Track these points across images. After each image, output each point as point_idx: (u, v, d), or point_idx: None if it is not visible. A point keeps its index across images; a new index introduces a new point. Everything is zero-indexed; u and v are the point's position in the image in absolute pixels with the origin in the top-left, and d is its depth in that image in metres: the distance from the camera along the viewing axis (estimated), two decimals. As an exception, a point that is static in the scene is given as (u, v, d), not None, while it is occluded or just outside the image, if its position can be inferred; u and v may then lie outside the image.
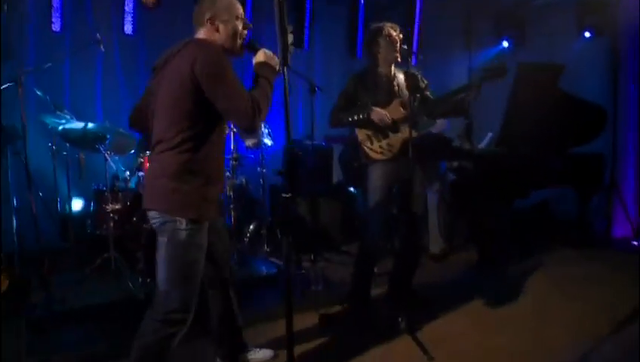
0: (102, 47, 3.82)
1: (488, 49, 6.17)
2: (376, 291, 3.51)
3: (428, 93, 3.33)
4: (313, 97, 3.83)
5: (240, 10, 2.20)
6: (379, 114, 3.19)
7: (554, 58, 5.36)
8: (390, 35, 3.23)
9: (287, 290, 2.13)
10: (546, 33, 5.63)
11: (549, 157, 4.30)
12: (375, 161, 3.27)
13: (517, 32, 5.95)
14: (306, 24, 5.36)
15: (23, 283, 3.60)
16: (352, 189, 5.35)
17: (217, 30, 2.14)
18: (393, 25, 3.30)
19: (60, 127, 3.54)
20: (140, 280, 3.27)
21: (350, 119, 3.28)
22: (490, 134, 4.66)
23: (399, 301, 3.37)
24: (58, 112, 3.85)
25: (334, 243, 4.93)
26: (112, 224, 3.44)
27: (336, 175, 5.49)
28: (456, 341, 2.96)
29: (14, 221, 3.80)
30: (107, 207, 3.43)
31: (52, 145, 3.75)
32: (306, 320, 3.20)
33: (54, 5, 4.28)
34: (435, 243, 4.62)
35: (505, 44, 6.05)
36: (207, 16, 2.13)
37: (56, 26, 4.30)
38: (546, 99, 4.17)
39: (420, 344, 2.82)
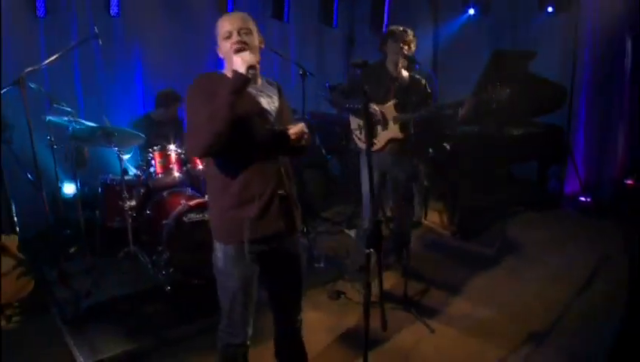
0: (100, 41, 3.81)
1: (455, 19, 6.39)
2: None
3: (428, 101, 3.63)
4: (305, 80, 4.11)
5: (224, 28, 2.09)
6: (374, 110, 3.51)
7: (517, 30, 5.77)
8: (401, 39, 3.47)
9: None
10: (510, 3, 5.95)
11: (516, 137, 4.80)
12: (361, 149, 3.65)
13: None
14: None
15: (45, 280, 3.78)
16: (327, 155, 5.68)
17: (222, 55, 2.14)
18: (407, 29, 3.54)
19: (70, 128, 3.59)
20: (164, 272, 3.50)
21: (347, 106, 3.63)
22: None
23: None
24: (55, 105, 3.88)
25: (315, 210, 5.30)
26: (129, 219, 3.62)
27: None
28: (448, 313, 3.45)
29: (13, 208, 3.90)
30: (125, 204, 3.59)
31: (50, 138, 3.80)
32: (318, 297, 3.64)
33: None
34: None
35: (471, 11, 6.30)
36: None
37: (40, 12, 4.16)
38: (515, 81, 4.59)
39: (421, 319, 3.31)
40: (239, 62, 1.95)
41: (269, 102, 2.16)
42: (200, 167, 3.83)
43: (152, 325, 3.26)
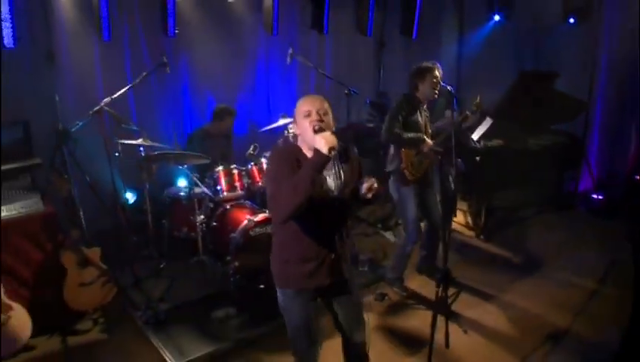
0: (168, 69, 4.26)
1: (480, 25, 6.69)
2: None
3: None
4: (349, 99, 4.67)
5: (304, 108, 2.40)
6: (428, 144, 3.96)
7: (539, 37, 6.13)
8: (435, 76, 3.89)
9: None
10: (534, 12, 6.26)
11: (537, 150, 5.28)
12: (410, 183, 4.07)
13: (507, 7, 6.50)
14: (326, 8, 5.69)
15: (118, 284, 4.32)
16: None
17: (300, 132, 2.45)
18: (437, 64, 3.94)
19: (142, 150, 4.08)
20: (231, 279, 4.03)
21: (406, 139, 3.94)
22: (488, 119, 5.44)
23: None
24: (123, 125, 4.37)
25: (352, 211, 5.80)
26: (200, 232, 4.15)
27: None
28: (477, 315, 3.99)
29: (81, 215, 4.40)
30: (196, 218, 4.12)
31: (119, 155, 4.32)
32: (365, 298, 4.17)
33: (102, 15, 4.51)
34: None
35: (496, 17, 6.59)
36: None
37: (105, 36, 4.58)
38: (539, 100, 5.04)
39: (456, 320, 3.85)
40: (322, 143, 2.21)
41: (335, 179, 2.49)
42: (259, 183, 4.33)
43: (225, 327, 3.81)
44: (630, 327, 3.66)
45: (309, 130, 2.36)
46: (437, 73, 3.90)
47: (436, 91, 3.92)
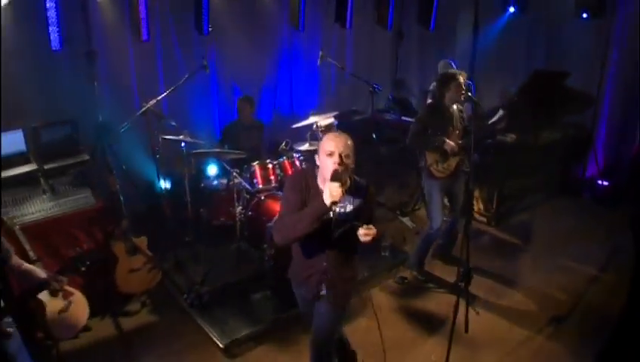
0: (207, 70, 4.57)
1: (495, 17, 6.86)
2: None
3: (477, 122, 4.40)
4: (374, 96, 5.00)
5: (329, 147, 2.56)
6: (450, 145, 4.28)
7: (552, 30, 6.36)
8: (460, 83, 4.20)
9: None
10: (548, 6, 6.45)
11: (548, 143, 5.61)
12: (438, 178, 4.43)
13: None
14: (350, 3, 5.93)
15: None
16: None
17: (320, 166, 2.67)
18: (463, 73, 4.25)
19: (184, 147, 4.45)
20: (267, 265, 4.41)
21: (430, 145, 4.33)
22: (501, 111, 5.72)
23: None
24: (162, 120, 4.71)
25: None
26: (238, 221, 4.56)
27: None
28: (488, 297, 4.40)
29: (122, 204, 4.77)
30: (235, 209, 4.54)
31: (159, 150, 4.66)
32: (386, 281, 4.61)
33: (142, 15, 4.78)
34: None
35: (512, 9, 6.76)
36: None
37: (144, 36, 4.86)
38: (551, 96, 5.34)
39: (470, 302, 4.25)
40: (327, 194, 2.45)
41: (340, 212, 2.66)
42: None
43: (263, 309, 4.23)
44: (625, 311, 4.09)
45: (326, 169, 2.58)
46: (461, 79, 4.20)
47: (462, 96, 4.23)
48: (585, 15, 6.09)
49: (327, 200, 2.45)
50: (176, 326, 4.16)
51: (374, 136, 5.78)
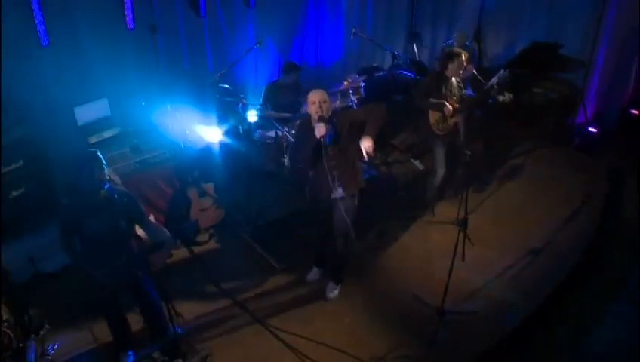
0: (260, 45, 5.47)
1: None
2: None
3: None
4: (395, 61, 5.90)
5: (311, 98, 3.92)
6: (448, 109, 5.26)
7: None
8: (462, 61, 5.11)
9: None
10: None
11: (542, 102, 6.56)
12: (438, 136, 5.46)
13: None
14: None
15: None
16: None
17: (309, 112, 4.01)
18: (462, 52, 5.16)
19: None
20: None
21: (430, 105, 5.30)
22: (502, 71, 6.51)
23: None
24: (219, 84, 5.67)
25: (387, 140, 7.21)
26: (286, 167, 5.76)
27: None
28: (480, 231, 5.49)
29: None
30: (284, 158, 5.70)
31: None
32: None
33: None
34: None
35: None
36: None
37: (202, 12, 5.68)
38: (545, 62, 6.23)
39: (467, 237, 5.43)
40: (317, 131, 3.82)
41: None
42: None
43: (308, 241, 5.24)
44: (591, 245, 5.31)
45: (313, 114, 3.95)
46: (463, 58, 5.13)
47: (461, 72, 5.17)
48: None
49: (318, 134, 3.83)
50: (238, 251, 5.39)
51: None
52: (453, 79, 5.33)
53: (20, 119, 4.78)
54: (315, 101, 3.94)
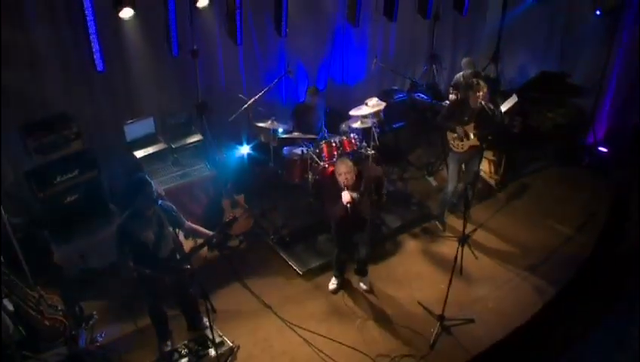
0: (291, 75, 6.07)
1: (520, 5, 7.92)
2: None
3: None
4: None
5: (340, 169, 4.64)
6: (462, 131, 5.78)
7: (570, 23, 7.46)
8: (480, 92, 5.58)
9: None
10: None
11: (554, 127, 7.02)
12: (455, 153, 5.99)
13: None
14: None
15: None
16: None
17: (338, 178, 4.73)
18: (480, 82, 5.65)
19: (273, 131, 6.11)
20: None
21: (450, 128, 5.87)
22: (514, 96, 6.90)
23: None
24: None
25: (405, 157, 7.73)
26: (310, 182, 6.34)
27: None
28: (486, 246, 6.04)
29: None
30: (309, 175, 6.28)
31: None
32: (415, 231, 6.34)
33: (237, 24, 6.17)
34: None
35: (534, -3, 7.82)
36: None
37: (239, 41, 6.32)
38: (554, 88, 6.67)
39: (471, 249, 5.92)
40: (344, 198, 4.57)
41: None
42: (348, 150, 6.26)
43: (328, 247, 5.89)
44: (588, 261, 5.71)
45: (339, 180, 4.66)
46: (484, 90, 5.59)
47: (479, 102, 5.63)
48: (598, 12, 7.10)
49: (345, 201, 4.58)
50: (265, 257, 6.01)
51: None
52: (478, 104, 5.72)
53: (77, 135, 5.49)
54: (341, 173, 4.60)
